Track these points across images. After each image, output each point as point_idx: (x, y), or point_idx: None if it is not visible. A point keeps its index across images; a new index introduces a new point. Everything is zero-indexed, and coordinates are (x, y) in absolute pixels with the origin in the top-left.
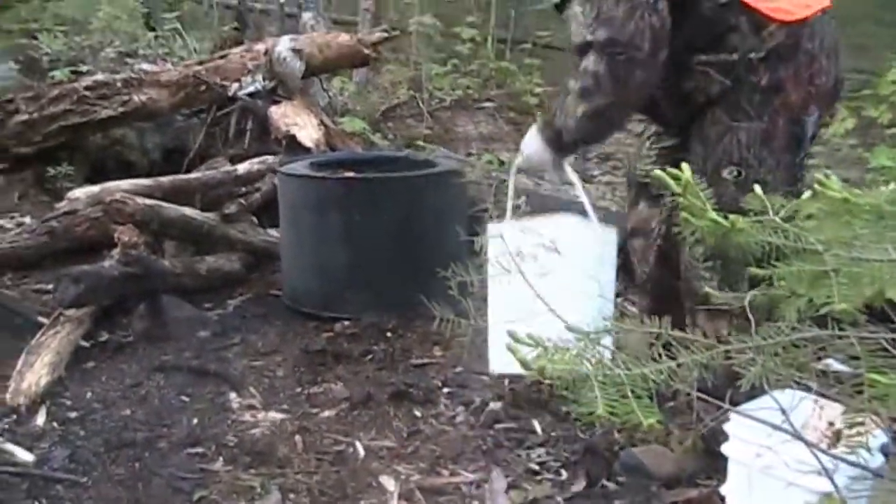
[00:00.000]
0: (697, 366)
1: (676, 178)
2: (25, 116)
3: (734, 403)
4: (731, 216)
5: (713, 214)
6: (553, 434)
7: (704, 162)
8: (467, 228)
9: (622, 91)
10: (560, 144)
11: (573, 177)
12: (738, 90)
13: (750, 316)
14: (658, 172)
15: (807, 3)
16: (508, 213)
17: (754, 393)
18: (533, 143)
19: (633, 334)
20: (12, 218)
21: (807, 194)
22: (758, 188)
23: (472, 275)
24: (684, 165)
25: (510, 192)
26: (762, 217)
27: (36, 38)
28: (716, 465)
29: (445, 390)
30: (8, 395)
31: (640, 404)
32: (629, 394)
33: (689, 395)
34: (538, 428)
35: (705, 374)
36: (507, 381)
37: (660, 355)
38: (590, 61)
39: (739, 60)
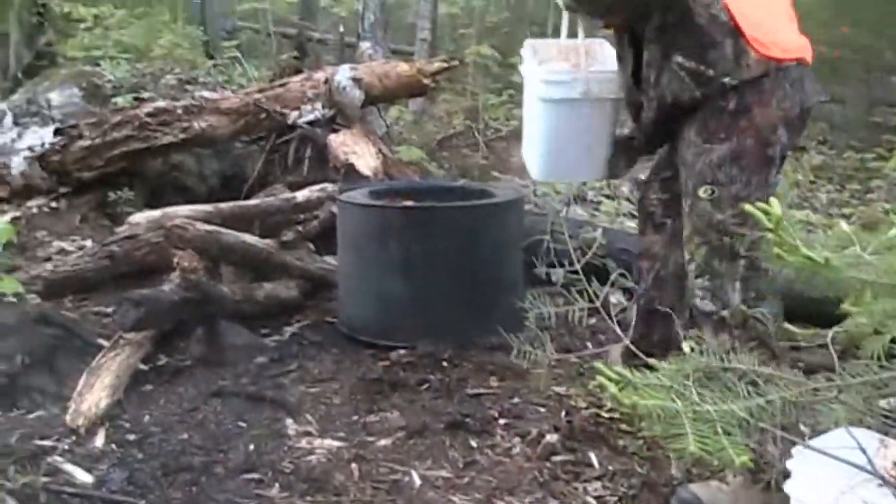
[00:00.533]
0: (786, 403)
1: (767, 214)
2: (88, 142)
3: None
4: (826, 254)
5: (806, 251)
6: (610, 468)
7: (687, 184)
8: (524, 258)
9: None
10: None
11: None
12: (706, 110)
13: (832, 353)
14: (749, 207)
15: (786, 48)
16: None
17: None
18: None
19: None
20: (73, 241)
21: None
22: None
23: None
24: (774, 200)
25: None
26: (847, 253)
27: (99, 65)
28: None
29: (502, 421)
30: (68, 417)
31: (731, 441)
32: (719, 430)
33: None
34: (595, 461)
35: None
36: (563, 413)
37: (748, 392)
38: None
39: (713, 79)
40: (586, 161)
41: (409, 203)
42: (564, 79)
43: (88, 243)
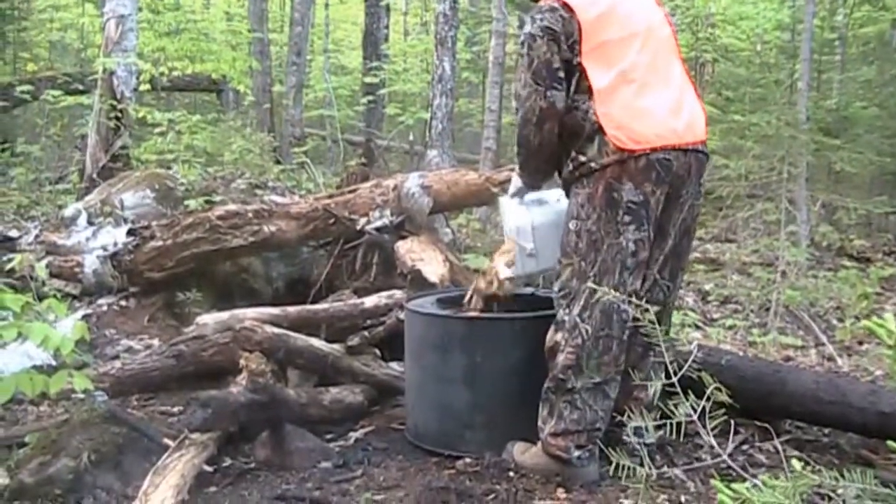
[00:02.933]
0: None
1: (884, 328)
2: (160, 242)
3: None
4: None
5: None
6: None
7: (566, 221)
8: None
9: (526, 140)
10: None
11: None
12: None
13: None
14: (867, 323)
15: (641, 140)
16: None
17: None
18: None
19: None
20: (141, 340)
21: None
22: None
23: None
24: (889, 316)
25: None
26: None
27: (171, 167)
28: None
29: None
30: None
31: None
32: None
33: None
34: None
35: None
36: None
37: None
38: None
39: (584, 164)
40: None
41: (474, 313)
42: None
43: (156, 342)
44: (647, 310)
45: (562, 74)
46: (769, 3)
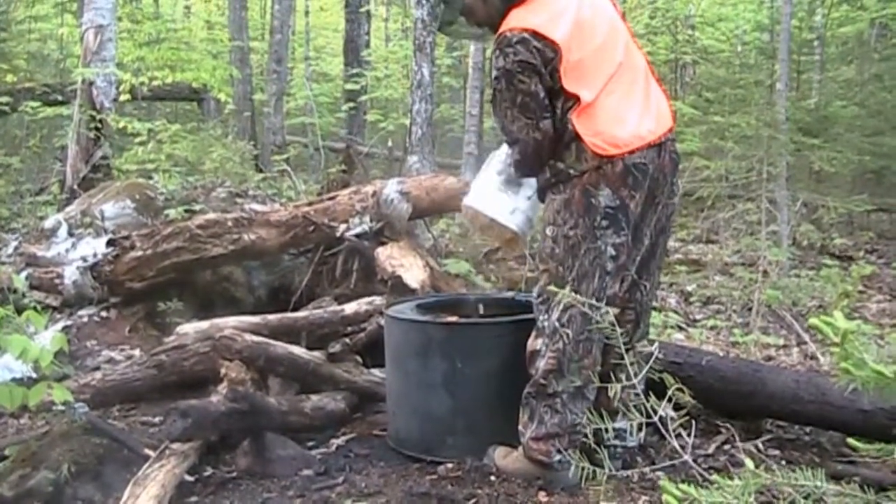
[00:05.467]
0: None
1: (830, 325)
2: (140, 252)
3: None
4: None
5: (875, 366)
6: None
7: (541, 227)
8: None
9: (529, 169)
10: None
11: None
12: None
13: None
14: (815, 321)
15: (620, 144)
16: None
17: None
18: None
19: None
20: (122, 350)
21: None
22: None
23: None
24: (838, 314)
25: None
26: None
27: (152, 178)
28: None
29: None
30: None
31: None
32: None
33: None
34: None
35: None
36: None
37: None
38: (510, 148)
39: (563, 171)
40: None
41: (453, 318)
42: None
43: (137, 353)
44: (607, 312)
45: (547, 102)
46: (748, 5)
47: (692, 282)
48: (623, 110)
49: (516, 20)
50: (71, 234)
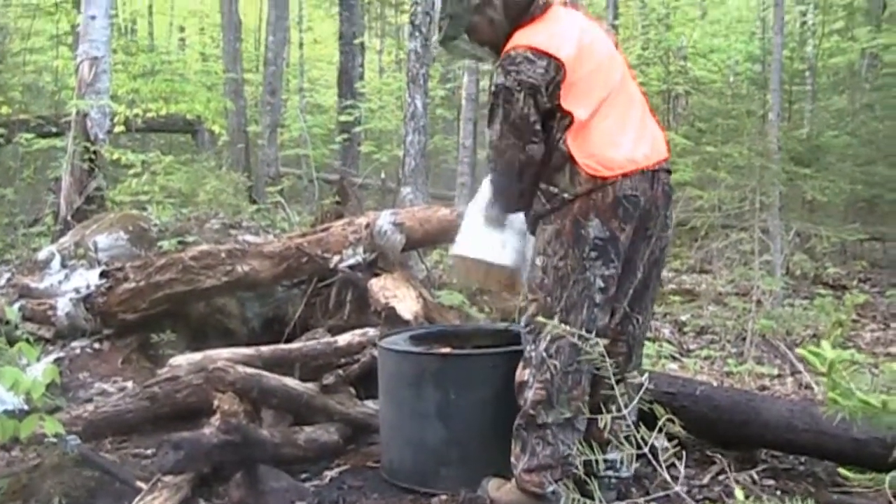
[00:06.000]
0: None
1: (818, 355)
2: (133, 284)
3: None
4: (883, 398)
5: (862, 395)
6: None
7: (531, 255)
8: None
9: (501, 183)
10: (494, 212)
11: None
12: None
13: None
14: (802, 351)
15: (614, 166)
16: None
17: None
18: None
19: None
20: (115, 382)
21: None
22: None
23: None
24: (825, 344)
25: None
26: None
27: (146, 209)
28: None
29: None
30: None
31: None
32: None
33: None
34: None
35: None
36: None
37: None
38: (493, 164)
39: (556, 195)
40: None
41: (446, 349)
42: None
43: (130, 385)
44: (596, 343)
45: (538, 127)
46: (739, 36)
47: (686, 312)
48: (618, 134)
49: (522, 39)
50: (64, 266)
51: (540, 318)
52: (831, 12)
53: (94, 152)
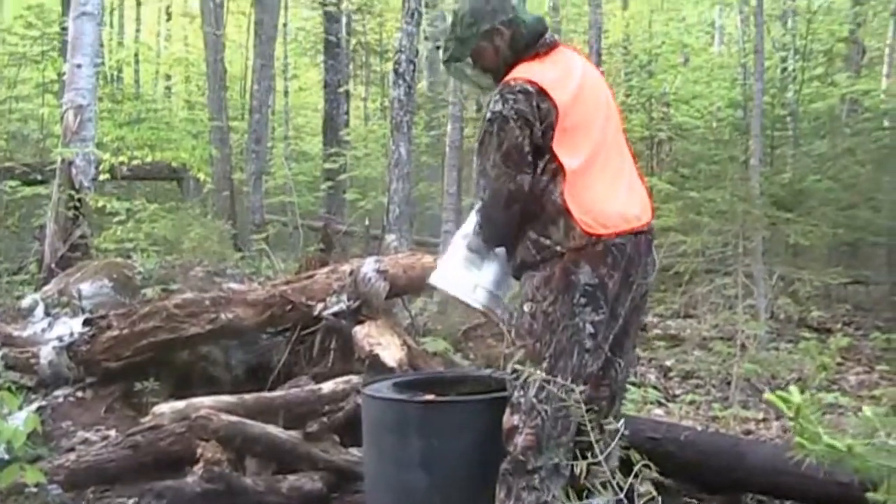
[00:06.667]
0: None
1: (786, 401)
2: (116, 332)
3: None
4: (849, 442)
5: (828, 440)
6: None
7: (519, 302)
8: None
9: (489, 214)
10: (478, 241)
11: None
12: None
13: None
14: (769, 396)
15: (609, 224)
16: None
17: None
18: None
19: None
20: (98, 431)
21: None
22: None
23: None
24: (793, 388)
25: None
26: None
27: (131, 257)
28: None
29: None
30: None
31: None
32: None
33: None
34: None
35: None
36: None
37: None
38: (482, 192)
39: (549, 247)
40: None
41: (429, 397)
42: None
43: (113, 433)
44: (571, 390)
45: (531, 158)
46: (721, 82)
47: (671, 357)
48: (612, 190)
49: (523, 71)
50: (48, 314)
51: (527, 366)
52: (811, 58)
53: (79, 200)
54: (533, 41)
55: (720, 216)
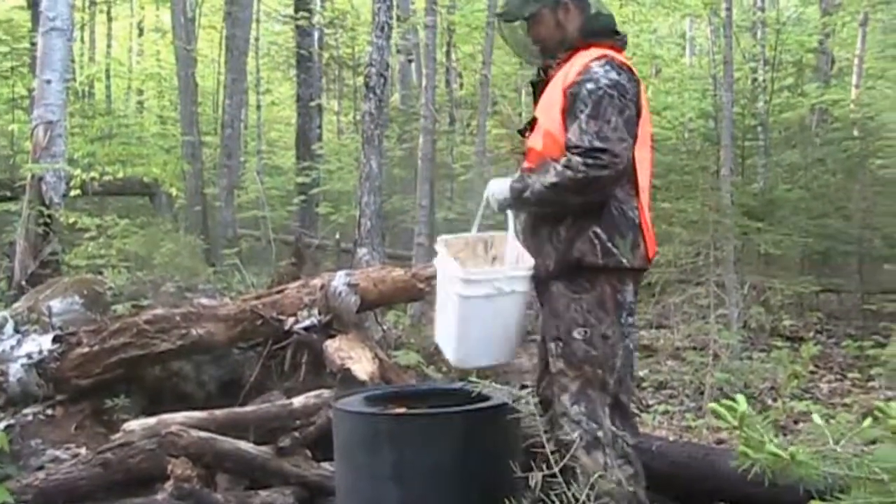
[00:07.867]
0: None
1: (732, 410)
2: (87, 349)
3: None
4: (791, 448)
5: (773, 448)
6: None
7: (558, 329)
8: (522, 464)
9: (585, 186)
10: (518, 195)
11: (511, 222)
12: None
13: None
14: (714, 406)
15: (654, 250)
16: (474, 229)
17: None
18: (501, 184)
19: None
20: (68, 449)
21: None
22: None
23: None
24: (739, 397)
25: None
26: (823, 447)
27: (101, 273)
28: None
29: None
30: None
31: None
32: None
33: None
34: None
35: None
36: None
37: None
38: (576, 158)
39: (615, 256)
40: (501, 346)
41: (401, 410)
42: (483, 278)
43: (83, 451)
44: (528, 402)
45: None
46: (692, 93)
47: (644, 367)
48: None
49: (621, 58)
50: (17, 331)
51: (591, 393)
52: (781, 69)
53: (49, 216)
54: (607, 32)
55: (692, 226)
